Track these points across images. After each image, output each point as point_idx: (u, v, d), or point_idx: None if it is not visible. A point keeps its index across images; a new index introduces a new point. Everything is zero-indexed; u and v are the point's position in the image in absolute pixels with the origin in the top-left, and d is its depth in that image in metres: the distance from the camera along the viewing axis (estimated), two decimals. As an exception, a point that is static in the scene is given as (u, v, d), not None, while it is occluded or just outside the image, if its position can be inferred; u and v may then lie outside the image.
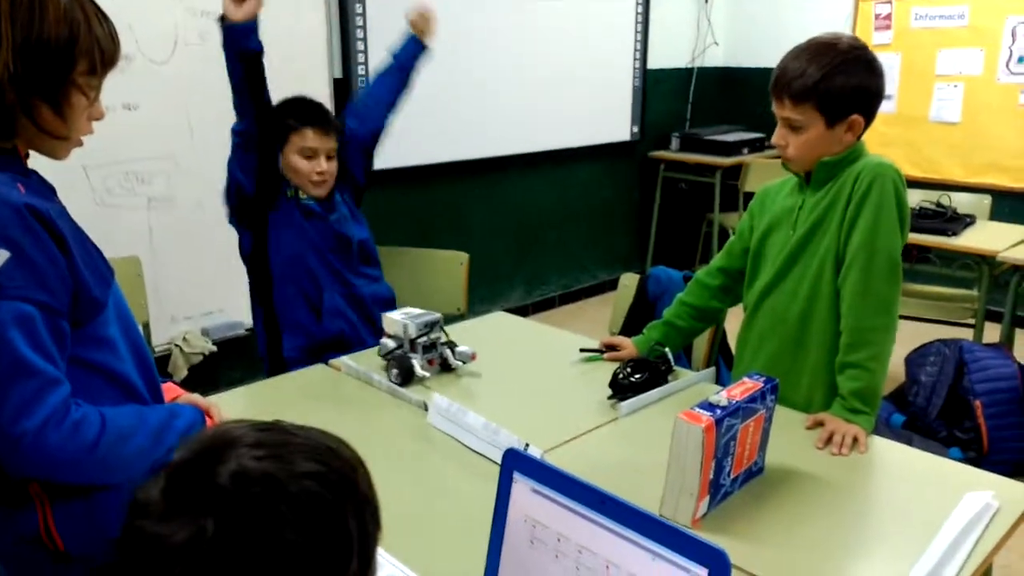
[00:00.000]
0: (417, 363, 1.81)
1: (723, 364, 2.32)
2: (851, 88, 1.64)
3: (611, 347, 1.99)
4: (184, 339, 3.14)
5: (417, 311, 1.89)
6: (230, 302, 3.29)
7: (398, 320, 1.85)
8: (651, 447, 1.48)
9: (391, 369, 1.82)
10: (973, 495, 1.35)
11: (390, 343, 1.87)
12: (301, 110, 2.24)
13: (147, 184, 3.00)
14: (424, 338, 1.84)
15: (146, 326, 2.70)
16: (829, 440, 1.56)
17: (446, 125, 4.02)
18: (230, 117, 3.06)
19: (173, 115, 3.03)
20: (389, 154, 3.76)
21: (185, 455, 0.64)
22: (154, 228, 3.05)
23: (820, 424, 1.62)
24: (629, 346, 1.97)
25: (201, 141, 3.10)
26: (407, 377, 1.79)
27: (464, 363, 1.90)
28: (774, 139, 1.74)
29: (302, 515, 0.60)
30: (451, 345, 1.89)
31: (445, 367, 1.88)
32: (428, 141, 3.96)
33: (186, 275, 3.15)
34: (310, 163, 2.20)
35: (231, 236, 3.24)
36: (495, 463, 1.34)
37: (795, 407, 1.71)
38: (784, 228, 1.80)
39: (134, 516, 0.60)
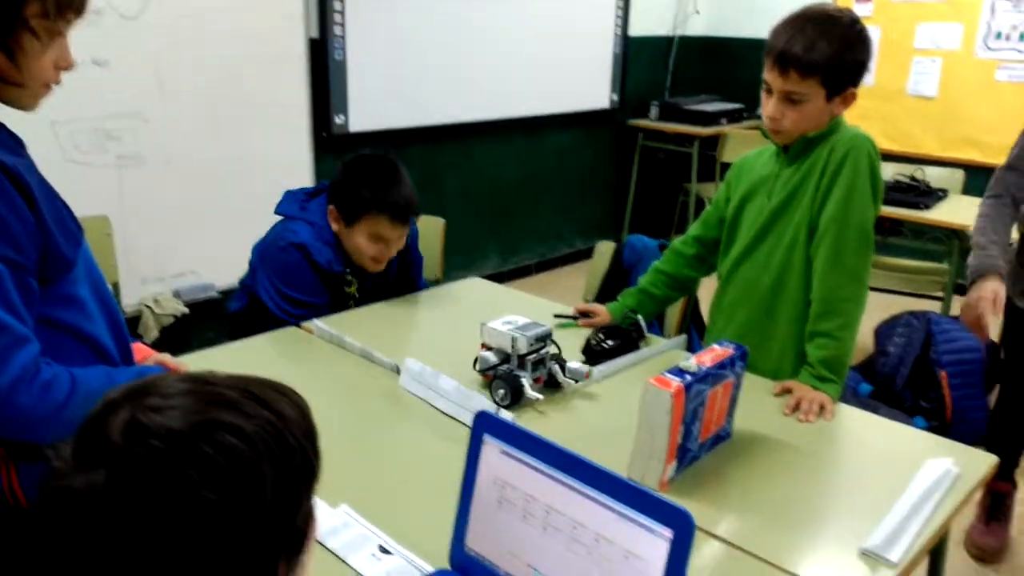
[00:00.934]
0: (527, 383, 1.57)
1: (695, 332, 2.33)
2: (856, 63, 1.64)
3: (585, 314, 2.00)
4: (155, 300, 3.10)
5: (522, 320, 1.65)
6: (202, 264, 3.26)
7: (504, 332, 1.60)
8: (622, 412, 1.49)
9: (496, 389, 1.58)
10: (934, 462, 1.38)
11: (491, 358, 1.62)
12: (385, 195, 1.97)
13: (116, 141, 2.94)
14: (534, 354, 1.62)
15: (115, 287, 2.67)
16: (797, 407, 1.58)
17: (421, 89, 3.98)
18: (201, 75, 2.97)
19: (143, 71, 2.96)
20: (361, 116, 3.73)
21: (96, 407, 0.63)
22: (124, 187, 3.00)
23: (788, 391, 1.64)
24: (603, 313, 1.97)
25: (172, 99, 3.04)
26: (516, 399, 1.56)
27: (576, 382, 1.65)
28: (769, 111, 1.68)
29: (205, 470, 0.59)
30: (560, 361, 1.65)
31: (551, 383, 1.65)
32: (402, 105, 3.92)
33: (157, 236, 3.11)
34: (376, 247, 2.00)
35: (203, 197, 3.22)
36: (466, 426, 1.35)
37: (764, 375, 1.73)
38: (760, 198, 1.80)
39: (48, 472, 0.60)
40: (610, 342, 1.78)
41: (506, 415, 1.47)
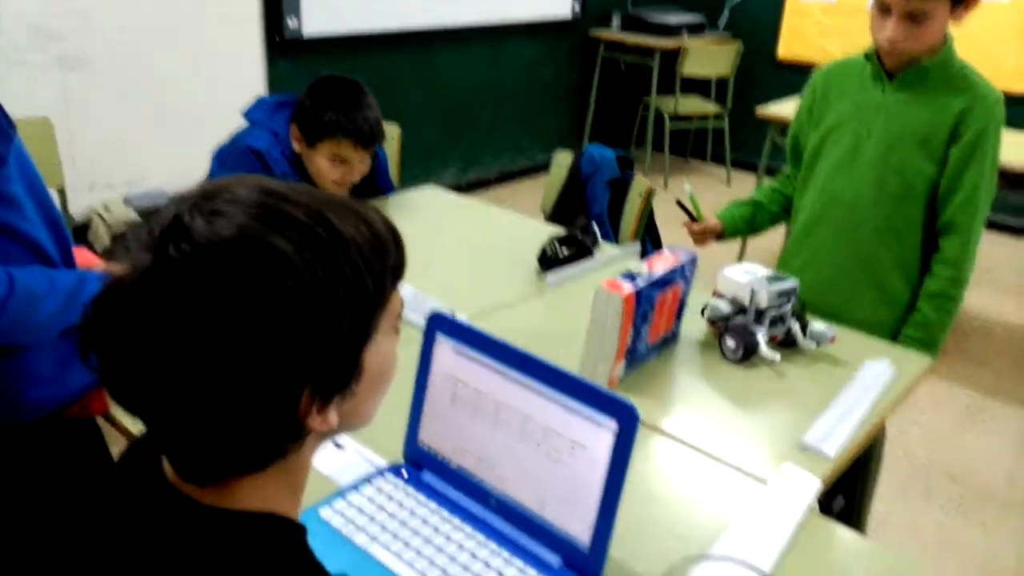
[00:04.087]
0: (763, 339, 1.45)
1: (648, 242, 2.36)
2: None
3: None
4: (105, 207, 3.03)
5: (763, 270, 1.51)
6: (154, 170, 3.18)
7: (743, 283, 1.47)
8: (575, 317, 1.52)
9: (726, 341, 1.46)
10: (873, 363, 1.44)
11: (723, 307, 1.49)
12: (348, 118, 1.90)
13: (59, 42, 2.82)
14: (775, 309, 1.47)
15: (62, 192, 2.61)
16: None
17: (380, -8, 3.86)
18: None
19: (84, -33, 2.83)
20: (315, 20, 3.61)
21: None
22: (69, 89, 2.89)
23: None
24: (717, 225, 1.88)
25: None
26: (747, 354, 1.45)
27: (818, 345, 1.49)
28: (889, 34, 1.55)
29: (226, 287, 0.56)
30: (803, 321, 1.50)
31: (786, 342, 1.51)
32: (359, 8, 3.79)
33: (106, 141, 3.02)
34: (338, 170, 1.94)
35: (153, 101, 3.12)
36: (423, 330, 1.37)
37: (855, 325, 1.62)
38: (855, 127, 1.68)
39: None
40: (565, 250, 1.80)
41: (462, 317, 1.49)
